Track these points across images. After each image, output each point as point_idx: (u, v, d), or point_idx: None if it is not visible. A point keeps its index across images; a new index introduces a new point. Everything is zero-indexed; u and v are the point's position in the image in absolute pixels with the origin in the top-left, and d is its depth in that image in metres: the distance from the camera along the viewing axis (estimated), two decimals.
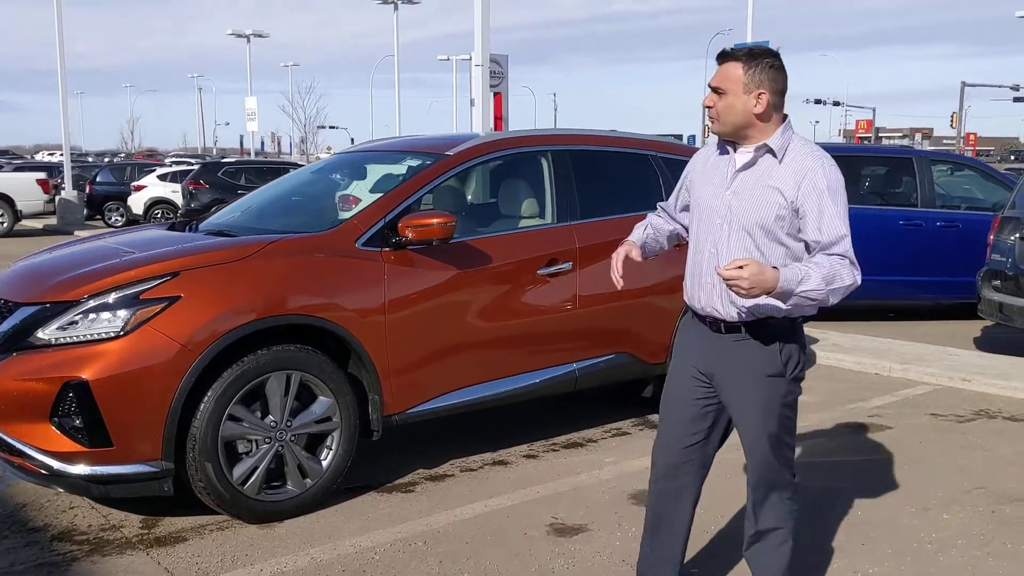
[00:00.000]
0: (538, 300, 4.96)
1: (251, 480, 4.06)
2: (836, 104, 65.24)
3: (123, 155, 66.53)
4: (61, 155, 64.80)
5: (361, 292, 4.31)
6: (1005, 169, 26.72)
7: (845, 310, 10.09)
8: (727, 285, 2.57)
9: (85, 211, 23.54)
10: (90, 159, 48.58)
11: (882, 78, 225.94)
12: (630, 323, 5.39)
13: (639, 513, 4.25)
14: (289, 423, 4.15)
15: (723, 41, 50.38)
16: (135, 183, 22.82)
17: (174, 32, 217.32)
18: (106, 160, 43.32)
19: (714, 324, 2.89)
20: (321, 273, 4.23)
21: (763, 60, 2.78)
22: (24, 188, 20.43)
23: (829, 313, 10.11)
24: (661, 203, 3.40)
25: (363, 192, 5.06)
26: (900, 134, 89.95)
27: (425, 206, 4.77)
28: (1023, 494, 4.51)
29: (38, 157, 57.61)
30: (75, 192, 23.15)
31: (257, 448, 4.09)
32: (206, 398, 3.91)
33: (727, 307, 2.82)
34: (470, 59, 16.07)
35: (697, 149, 6.43)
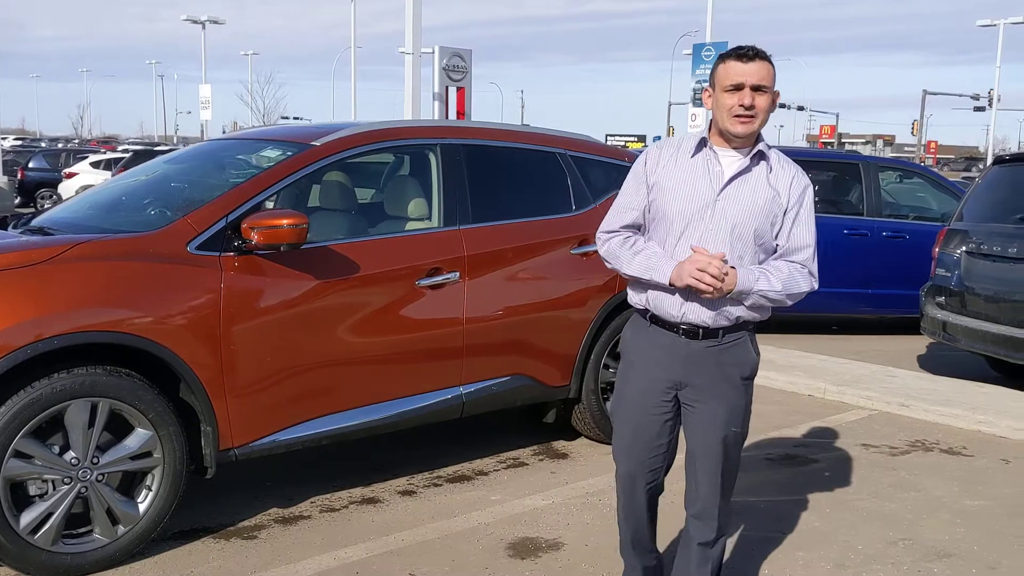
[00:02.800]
0: (416, 315, 4.32)
1: (44, 528, 3.39)
2: (800, 109, 65.38)
3: (76, 141, 64.86)
4: (16, 139, 63.11)
5: (189, 304, 3.65)
6: (963, 178, 26.55)
7: (784, 323, 9.58)
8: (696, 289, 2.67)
9: (18, 198, 22.55)
10: (43, 144, 47.17)
11: (846, 84, 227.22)
12: (529, 342, 4.77)
13: (510, 568, 3.65)
14: (95, 460, 3.49)
15: (689, 42, 49.93)
16: (67, 170, 21.87)
17: (143, 17, 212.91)
18: (59, 146, 42.00)
19: (691, 332, 2.81)
20: (138, 281, 3.56)
21: (771, 66, 2.76)
22: None
23: (767, 326, 9.57)
24: (623, 215, 2.93)
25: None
26: (863, 140, 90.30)
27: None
28: (953, 548, 3.96)
29: None
30: (5, 178, 22.16)
31: (54, 490, 3.42)
32: None
33: (717, 315, 2.77)
34: (432, 52, 15.54)
35: (616, 149, 5.89)
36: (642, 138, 54.81)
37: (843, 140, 72.65)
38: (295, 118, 67.43)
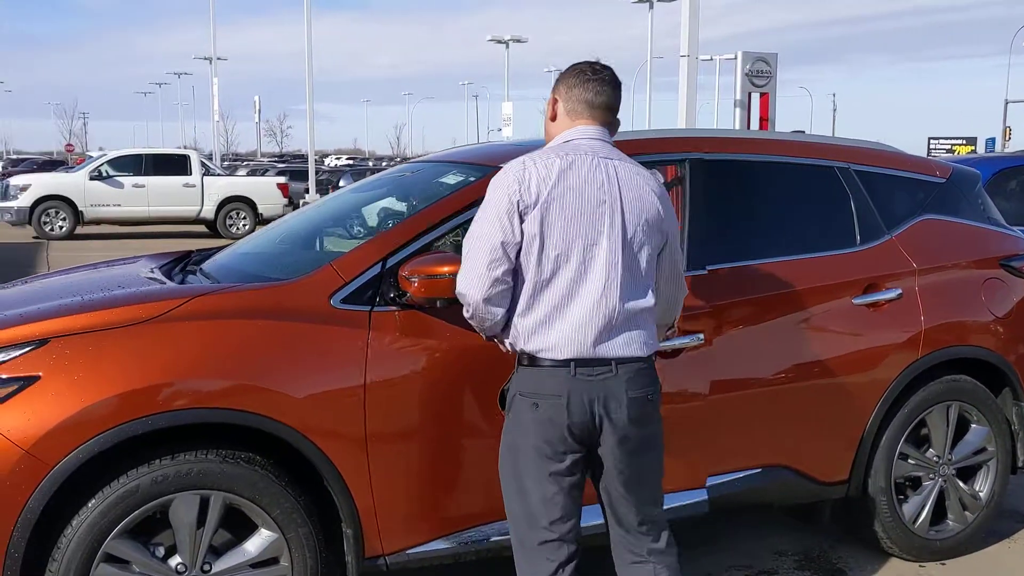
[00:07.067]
0: None
1: None
2: None
3: (398, 160, 69.86)
4: (348, 159, 68.89)
5: (325, 374, 2.89)
6: None
7: None
8: None
9: None
10: (370, 163, 51.08)
11: None
12: (789, 422, 3.59)
13: None
14: (207, 567, 2.81)
15: None
16: None
17: (462, 42, 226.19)
18: (384, 165, 45.12)
19: None
20: (258, 345, 2.84)
21: (566, 71, 2.76)
22: (265, 191, 20.95)
23: None
24: None
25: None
26: None
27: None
28: None
29: (327, 161, 61.66)
30: (317, 196, 23.67)
31: None
32: (68, 530, 2.66)
33: None
34: (734, 58, 14.42)
35: (921, 160, 4.48)
36: (972, 141, 48.87)
37: None
38: None
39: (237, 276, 3.40)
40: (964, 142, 48.76)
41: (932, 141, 49.63)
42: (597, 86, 2.68)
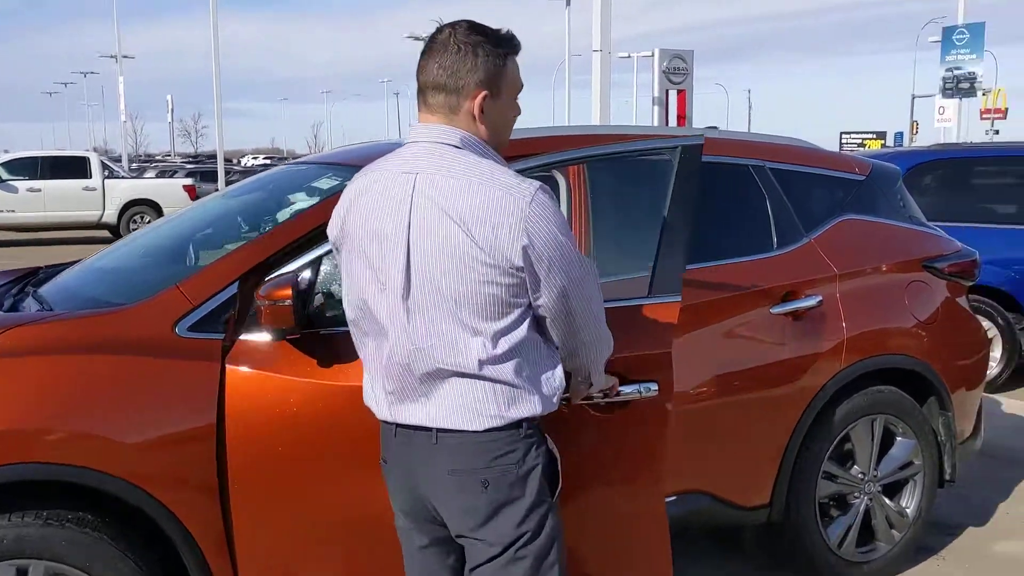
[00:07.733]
0: None
1: None
2: None
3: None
4: (265, 158, 67.49)
5: (165, 414, 2.46)
6: None
7: None
8: None
9: None
10: (288, 161, 49.77)
11: None
12: (706, 444, 3.29)
13: None
14: None
15: (935, 29, 45.36)
16: None
17: (384, 40, 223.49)
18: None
19: None
20: (85, 384, 2.41)
21: None
22: (170, 194, 20.05)
23: None
24: None
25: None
26: None
27: None
28: None
29: (243, 161, 60.16)
30: None
31: None
32: None
33: None
34: (652, 55, 14.30)
35: (838, 156, 4.24)
36: (882, 135, 50.12)
37: None
38: None
39: (75, 300, 2.94)
40: (875, 136, 49.98)
41: (844, 136, 50.75)
42: (420, 62, 2.00)
